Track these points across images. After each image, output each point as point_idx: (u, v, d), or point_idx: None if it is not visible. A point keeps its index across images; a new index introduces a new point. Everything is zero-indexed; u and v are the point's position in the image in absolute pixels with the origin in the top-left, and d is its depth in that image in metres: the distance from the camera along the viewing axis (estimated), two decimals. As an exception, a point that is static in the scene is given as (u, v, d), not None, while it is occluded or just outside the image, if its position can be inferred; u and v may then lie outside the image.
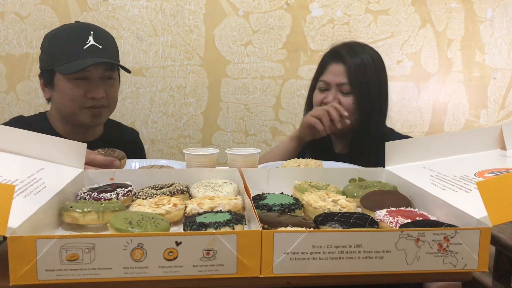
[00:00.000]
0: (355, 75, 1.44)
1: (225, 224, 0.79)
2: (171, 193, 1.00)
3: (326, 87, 1.50)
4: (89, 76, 1.39)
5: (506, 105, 2.45)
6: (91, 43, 1.37)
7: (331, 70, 1.49)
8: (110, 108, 1.48)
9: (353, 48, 1.49)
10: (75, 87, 1.38)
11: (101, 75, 1.41)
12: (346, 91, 1.46)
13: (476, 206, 0.78)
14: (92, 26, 1.44)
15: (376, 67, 1.47)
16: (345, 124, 1.44)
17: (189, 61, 2.19)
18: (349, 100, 1.46)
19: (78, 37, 1.38)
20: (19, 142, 1.02)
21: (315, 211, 0.94)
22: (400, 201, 0.98)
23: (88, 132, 1.51)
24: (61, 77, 1.38)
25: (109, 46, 1.43)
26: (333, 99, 1.46)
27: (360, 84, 1.44)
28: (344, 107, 1.45)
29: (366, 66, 1.45)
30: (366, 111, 1.46)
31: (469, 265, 0.75)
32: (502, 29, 2.37)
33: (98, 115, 1.44)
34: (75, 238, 0.68)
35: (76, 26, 1.45)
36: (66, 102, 1.41)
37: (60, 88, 1.40)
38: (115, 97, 1.49)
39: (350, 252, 0.73)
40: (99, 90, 1.40)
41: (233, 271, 0.71)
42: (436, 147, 1.15)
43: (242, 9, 2.18)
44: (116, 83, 1.48)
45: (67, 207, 0.88)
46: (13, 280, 0.67)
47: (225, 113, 2.25)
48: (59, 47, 1.39)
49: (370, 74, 1.45)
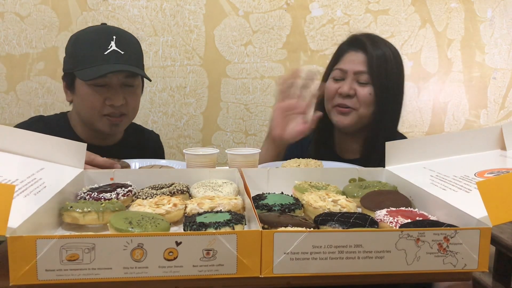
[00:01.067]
0: (376, 65, 1.37)
1: (225, 224, 0.79)
2: (171, 193, 1.00)
3: (341, 76, 1.41)
4: (109, 82, 1.35)
5: (506, 105, 2.45)
6: (112, 49, 1.33)
7: (349, 58, 1.41)
8: (130, 117, 1.45)
9: (375, 39, 1.43)
10: (94, 93, 1.35)
11: (121, 82, 1.37)
12: (364, 81, 1.38)
13: (476, 206, 0.78)
14: (116, 30, 1.40)
15: (396, 63, 1.41)
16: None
17: (189, 61, 2.19)
18: (365, 91, 1.37)
19: (100, 41, 1.35)
20: (19, 142, 1.02)
21: (315, 211, 0.94)
22: (400, 201, 0.98)
23: (108, 137, 1.49)
24: (81, 82, 1.35)
25: (132, 52, 1.39)
26: (348, 89, 1.38)
27: (380, 76, 1.37)
28: (359, 98, 1.38)
29: (387, 59, 1.38)
30: (382, 105, 1.38)
31: (469, 265, 0.75)
32: (502, 29, 2.37)
33: (116, 124, 1.41)
34: (75, 238, 0.68)
35: (100, 29, 1.41)
36: (85, 108, 1.38)
37: (79, 93, 1.38)
38: (136, 105, 1.45)
39: (350, 252, 0.73)
40: (118, 97, 1.36)
41: (233, 271, 0.71)
42: (436, 147, 1.15)
43: (242, 9, 2.18)
44: (137, 91, 1.44)
45: (67, 207, 0.87)
46: (13, 280, 0.67)
47: (225, 113, 2.25)
48: (81, 51, 1.36)
49: (390, 68, 1.39)
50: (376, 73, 1.37)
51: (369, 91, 1.37)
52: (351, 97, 1.39)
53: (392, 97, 1.40)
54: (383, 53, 1.38)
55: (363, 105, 1.39)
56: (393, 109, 1.43)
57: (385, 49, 1.40)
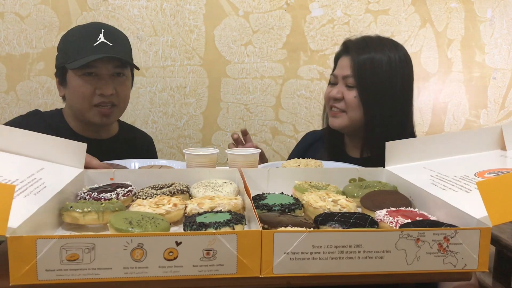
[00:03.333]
0: (360, 68, 1.39)
1: (225, 224, 0.79)
2: (171, 193, 1.00)
3: (335, 81, 1.46)
4: (99, 72, 1.39)
5: (506, 105, 2.45)
6: (101, 40, 1.37)
7: (340, 63, 1.46)
8: (120, 107, 1.47)
9: (367, 42, 1.43)
10: (84, 84, 1.39)
11: (110, 72, 1.40)
12: (351, 84, 1.41)
13: (476, 206, 0.78)
14: (104, 25, 1.45)
15: (391, 67, 1.39)
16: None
17: (189, 61, 2.19)
18: (351, 94, 1.40)
19: (88, 34, 1.39)
20: (19, 142, 1.02)
21: (315, 211, 0.94)
22: (400, 201, 0.98)
23: (101, 130, 1.52)
24: (71, 73, 1.39)
25: (120, 44, 1.43)
26: (337, 92, 1.43)
27: (364, 79, 1.38)
28: (346, 102, 1.41)
29: (375, 63, 1.38)
30: (369, 109, 1.39)
31: (469, 265, 0.75)
32: (502, 29, 2.37)
33: (107, 115, 1.43)
34: (75, 238, 0.68)
35: (88, 25, 1.47)
36: (76, 99, 1.41)
37: (71, 84, 1.41)
38: (126, 95, 1.48)
39: (350, 252, 0.73)
40: (108, 87, 1.39)
41: (233, 271, 0.71)
42: (436, 147, 1.15)
43: (242, 9, 2.18)
44: (127, 81, 1.47)
45: (67, 207, 0.87)
46: (13, 280, 0.67)
47: (225, 113, 2.25)
48: (70, 44, 1.40)
49: (381, 72, 1.38)
50: (359, 77, 1.39)
51: (354, 94, 1.40)
52: (340, 100, 1.44)
53: (383, 100, 1.39)
54: (370, 57, 1.39)
55: (350, 108, 1.42)
56: (385, 111, 1.40)
57: (378, 52, 1.39)
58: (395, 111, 1.41)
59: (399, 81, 1.40)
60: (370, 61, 1.39)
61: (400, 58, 1.41)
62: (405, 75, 1.42)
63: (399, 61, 1.41)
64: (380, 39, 1.46)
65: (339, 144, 1.56)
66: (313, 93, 2.27)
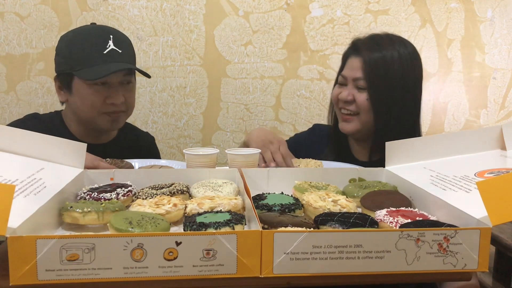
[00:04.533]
0: (372, 69, 1.34)
1: (225, 224, 0.79)
2: (171, 193, 1.00)
3: (344, 82, 1.41)
4: (109, 81, 1.36)
5: (506, 105, 2.45)
6: (111, 48, 1.35)
7: (349, 64, 1.41)
8: (128, 113, 1.47)
9: (377, 40, 1.40)
10: (95, 93, 1.36)
11: (120, 80, 1.39)
12: (362, 86, 1.36)
13: (476, 206, 0.78)
14: (111, 30, 1.41)
15: (403, 65, 1.35)
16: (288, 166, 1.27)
17: (189, 61, 2.19)
18: (363, 97, 1.36)
19: (97, 41, 1.35)
20: (19, 142, 1.02)
21: (315, 211, 0.94)
22: (400, 201, 0.98)
23: (102, 135, 1.50)
24: (80, 82, 1.36)
25: (128, 50, 1.41)
26: (347, 95, 1.38)
27: (377, 80, 1.34)
28: (358, 104, 1.36)
29: (388, 62, 1.34)
30: (382, 112, 1.35)
31: (469, 265, 0.75)
32: (502, 29, 2.37)
33: (116, 120, 1.43)
34: (75, 238, 0.68)
35: (94, 29, 1.42)
36: (85, 107, 1.39)
37: (79, 93, 1.38)
38: (133, 102, 1.47)
39: (350, 252, 0.73)
40: (118, 95, 1.38)
41: (233, 271, 0.71)
42: (436, 147, 1.15)
43: (242, 9, 2.18)
44: (134, 88, 1.47)
45: (67, 207, 0.87)
46: (13, 280, 0.67)
47: (225, 113, 2.25)
48: (78, 51, 1.36)
49: (393, 71, 1.34)
50: (372, 78, 1.34)
51: (366, 97, 1.36)
52: (351, 103, 1.39)
53: (396, 100, 1.36)
54: (381, 56, 1.35)
55: (362, 111, 1.37)
56: (398, 115, 1.37)
57: (388, 51, 1.36)
58: (407, 111, 1.38)
59: (411, 78, 1.37)
60: (382, 60, 1.35)
61: (410, 55, 1.38)
62: (416, 72, 1.39)
63: (410, 58, 1.38)
64: (389, 36, 1.43)
65: (346, 147, 1.53)
66: (313, 93, 2.27)
